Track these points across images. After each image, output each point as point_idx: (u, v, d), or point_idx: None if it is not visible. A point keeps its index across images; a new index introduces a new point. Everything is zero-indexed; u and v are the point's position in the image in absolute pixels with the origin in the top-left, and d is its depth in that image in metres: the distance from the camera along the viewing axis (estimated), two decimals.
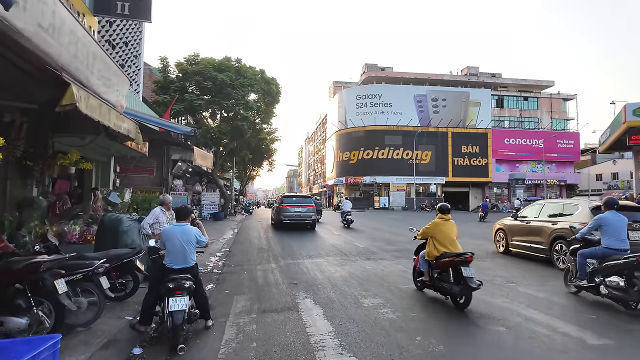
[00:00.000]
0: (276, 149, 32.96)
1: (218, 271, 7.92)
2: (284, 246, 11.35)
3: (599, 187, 55.18)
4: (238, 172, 41.37)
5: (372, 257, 9.39)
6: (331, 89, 61.16)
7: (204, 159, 9.72)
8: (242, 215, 28.22)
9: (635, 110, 16.25)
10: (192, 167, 21.92)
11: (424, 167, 45.68)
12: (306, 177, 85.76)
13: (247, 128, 20.96)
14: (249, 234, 14.85)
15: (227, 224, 18.37)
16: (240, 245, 11.64)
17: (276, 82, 20.41)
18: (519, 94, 52.22)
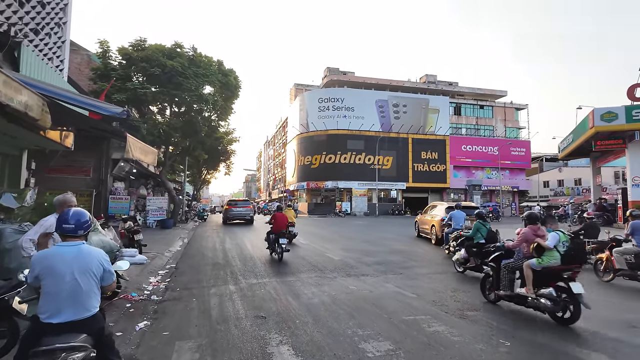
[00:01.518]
0: (234, 150, 30.70)
1: (158, 298, 5.97)
2: (245, 260, 9.48)
3: (547, 194, 58.11)
4: (191, 176, 38.40)
5: (352, 273, 7.82)
6: (292, 91, 59.56)
7: (144, 153, 7.72)
8: (195, 223, 25.64)
9: (603, 115, 16.20)
10: (137, 167, 19.31)
11: (386, 172, 45.30)
12: (265, 182, 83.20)
13: (201, 125, 18.75)
14: (202, 245, 12.75)
15: (176, 233, 16.04)
16: (191, 260, 9.61)
17: (235, 74, 18.40)
18: (475, 102, 53.70)
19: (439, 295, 6.02)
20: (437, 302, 5.60)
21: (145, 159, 8.41)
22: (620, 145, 17.09)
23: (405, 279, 7.33)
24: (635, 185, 16.52)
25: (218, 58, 18.20)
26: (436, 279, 7.39)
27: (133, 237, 9.20)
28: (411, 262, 9.38)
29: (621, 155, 19.18)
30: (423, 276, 7.62)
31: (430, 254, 10.72)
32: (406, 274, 7.78)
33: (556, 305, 4.57)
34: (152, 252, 9.89)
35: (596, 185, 23.04)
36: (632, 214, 7.16)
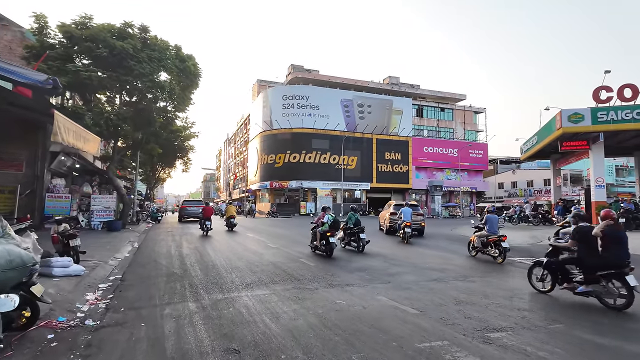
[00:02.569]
0: (193, 146, 28.67)
1: (94, 323, 4.58)
2: (207, 268, 8.13)
3: (501, 195, 60.56)
4: (144, 173, 35.68)
5: (335, 283, 6.77)
6: (255, 87, 57.67)
7: (81, 139, 6.21)
8: (147, 224, 23.47)
9: (571, 117, 16.37)
10: (80, 162, 17.11)
11: (350, 172, 44.87)
12: (225, 182, 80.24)
13: (156, 115, 16.92)
14: (155, 250, 11.15)
15: (125, 236, 14.19)
16: (141, 269, 8.10)
17: (194, 60, 16.70)
18: (436, 104, 54.80)
19: (443, 310, 5.11)
20: (447, 320, 4.68)
21: (84, 147, 6.89)
22: (584, 147, 17.46)
23: (396, 288, 6.39)
24: (598, 185, 16.91)
25: (175, 43, 16.45)
26: (429, 287, 6.52)
27: (68, 242, 7.57)
28: (395, 267, 8.50)
29: (583, 157, 19.73)
30: (413, 284, 6.73)
31: (408, 254, 9.93)
32: (395, 283, 6.86)
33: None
34: (93, 261, 8.28)
35: (556, 186, 23.71)
36: (487, 210, 10.05)
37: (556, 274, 5.96)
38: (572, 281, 5.74)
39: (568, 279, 5.82)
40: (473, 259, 9.89)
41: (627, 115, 15.74)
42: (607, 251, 5.41)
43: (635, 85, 15.90)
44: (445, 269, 8.23)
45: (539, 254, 8.85)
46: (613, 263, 5.28)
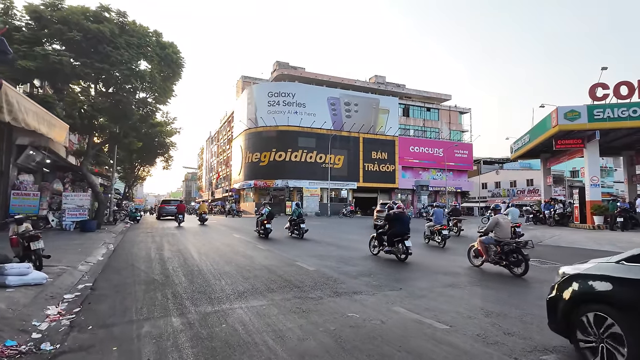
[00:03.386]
0: (175, 142, 27.36)
1: (52, 348, 3.66)
2: (192, 274, 7.20)
3: (485, 195, 61.11)
4: (123, 171, 34.05)
5: (341, 290, 5.97)
6: (239, 84, 56.28)
7: (44, 122, 5.20)
8: (125, 224, 22.13)
9: (567, 114, 16.06)
10: (52, 157, 15.80)
11: (337, 171, 44.18)
12: (207, 181, 78.37)
13: (135, 108, 15.75)
14: (133, 253, 10.10)
15: (99, 237, 13.03)
16: (116, 276, 7.10)
17: (176, 48, 15.61)
18: (422, 104, 54.71)
19: (475, 324, 4.39)
20: (485, 336, 3.95)
21: (48, 133, 5.89)
22: (579, 145, 17.21)
23: (411, 296, 5.65)
24: (593, 184, 16.70)
25: (155, 29, 15.32)
26: (447, 295, 5.80)
27: (29, 245, 6.52)
28: (401, 271, 7.77)
29: (575, 156, 19.56)
30: (428, 291, 6.00)
31: (410, 257, 9.23)
32: (407, 290, 6.11)
33: None
34: (60, 266, 7.23)
35: (547, 186, 23.59)
36: (433, 205, 12.12)
37: (380, 241, 9.63)
38: (385, 245, 9.33)
39: (382, 244, 9.55)
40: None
41: (624, 113, 15.54)
42: (394, 227, 9.09)
43: (631, 82, 15.72)
44: (457, 273, 7.55)
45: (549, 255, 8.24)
46: (399, 233, 8.96)
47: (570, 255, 10.05)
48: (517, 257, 7.34)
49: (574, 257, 9.35)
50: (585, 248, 11.69)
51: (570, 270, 3.50)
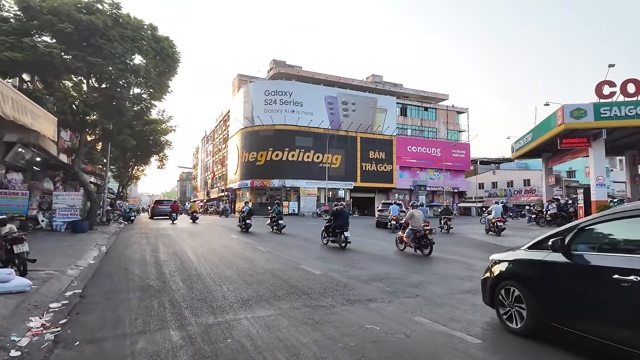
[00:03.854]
0: (170, 141, 26.75)
1: None
2: (190, 278, 6.69)
3: (482, 195, 61.02)
4: (117, 170, 33.34)
5: (353, 297, 5.50)
6: (235, 82, 55.63)
7: (25, 113, 4.68)
8: (119, 225, 21.51)
9: (573, 112, 15.72)
10: (42, 155, 15.19)
11: (334, 171, 43.73)
12: (203, 180, 77.57)
13: (129, 104, 15.17)
14: (127, 255, 9.56)
15: (91, 239, 12.46)
16: (108, 281, 6.57)
17: (172, 42, 15.05)
18: (420, 104, 54.44)
19: (511, 338, 3.94)
20: (527, 354, 3.49)
21: (33, 125, 5.36)
22: (584, 144, 16.90)
23: (430, 304, 5.20)
24: (599, 184, 16.37)
25: (150, 22, 14.76)
26: (469, 302, 5.36)
27: (12, 248, 5.99)
28: (414, 275, 7.32)
29: (579, 155, 19.26)
30: (447, 298, 5.56)
31: (419, 259, 8.80)
32: (424, 296, 5.67)
33: None
34: (47, 270, 6.71)
35: (548, 186, 23.30)
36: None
37: (328, 232, 11.93)
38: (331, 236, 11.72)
39: (329, 235, 11.81)
40: None
41: (631, 111, 15.22)
42: (336, 221, 11.40)
43: (638, 80, 15.40)
44: (473, 277, 7.11)
45: None
46: (340, 226, 11.23)
47: None
48: (425, 242, 9.87)
49: None
50: None
51: (495, 256, 4.65)
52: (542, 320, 3.74)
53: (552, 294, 3.68)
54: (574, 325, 3.42)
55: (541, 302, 3.75)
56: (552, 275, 3.72)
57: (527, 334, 3.85)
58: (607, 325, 3.15)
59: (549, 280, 3.76)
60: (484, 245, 12.98)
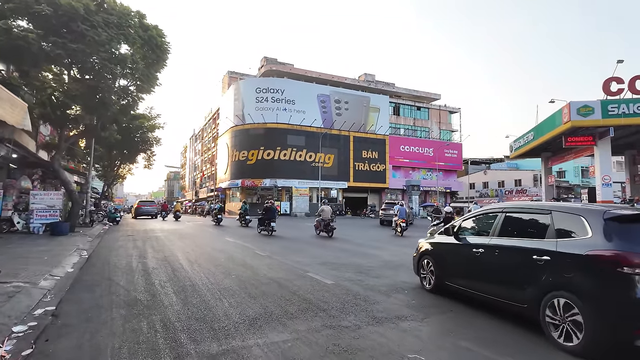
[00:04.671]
0: (159, 138, 25.59)
1: None
2: (184, 290, 5.80)
3: (473, 195, 61.01)
4: (102, 169, 31.94)
5: (379, 315, 4.70)
6: (225, 79, 54.38)
7: None
8: (103, 226, 20.34)
9: (580, 109, 15.24)
10: (19, 152, 14.06)
11: (327, 170, 42.97)
12: (191, 180, 75.95)
13: (114, 97, 14.13)
14: (111, 262, 8.58)
15: (72, 242, 11.41)
16: (88, 295, 5.64)
17: (161, 31, 14.03)
18: (412, 103, 54.09)
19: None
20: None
21: None
22: (589, 143, 16.45)
23: (470, 326, 4.43)
24: (605, 184, 15.94)
25: (138, 9, 13.73)
26: (513, 323, 4.60)
27: None
28: None
29: (582, 154, 18.87)
30: (486, 318, 4.80)
31: None
32: (458, 311, 4.90)
33: None
34: (15, 282, 5.76)
35: (548, 185, 22.92)
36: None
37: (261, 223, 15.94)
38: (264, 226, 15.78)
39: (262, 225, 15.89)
40: None
41: (639, 108, 14.81)
42: (267, 215, 15.52)
43: None
44: None
45: None
46: (268, 218, 15.51)
47: None
48: (329, 227, 15.02)
49: None
50: None
51: (421, 240, 6.46)
52: (441, 281, 5.60)
53: (447, 263, 5.52)
54: (457, 282, 5.28)
55: (441, 269, 5.63)
56: (448, 251, 5.59)
57: (433, 291, 5.78)
58: (473, 281, 5.00)
59: (445, 255, 5.64)
60: None
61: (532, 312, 4.04)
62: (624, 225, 3.68)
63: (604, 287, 3.43)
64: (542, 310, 3.89)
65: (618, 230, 3.64)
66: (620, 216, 3.74)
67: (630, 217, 3.76)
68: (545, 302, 3.87)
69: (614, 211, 3.84)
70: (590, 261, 3.54)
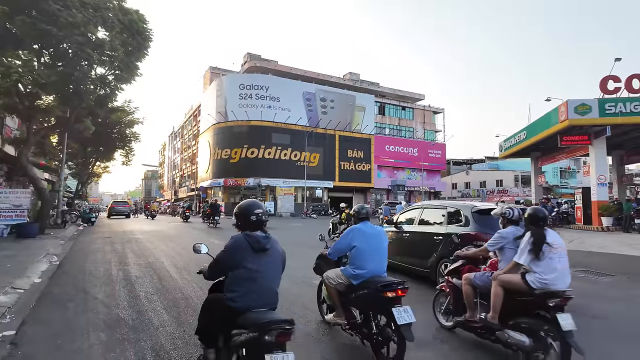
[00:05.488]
0: (138, 134, 24.20)
1: None
2: (177, 305, 4.91)
3: (455, 195, 61.57)
4: (75, 167, 30.15)
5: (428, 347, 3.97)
6: (207, 75, 52.73)
7: None
8: (77, 227, 18.91)
9: (578, 108, 15.03)
10: None
11: (312, 170, 42.13)
12: (170, 179, 73.63)
13: (91, 87, 12.94)
14: (87, 269, 7.54)
15: (41, 246, 10.23)
16: (59, 313, 4.68)
17: (142, 16, 12.92)
18: (398, 103, 53.96)
19: None
20: None
21: None
22: (584, 142, 16.31)
23: None
24: (600, 184, 15.82)
25: None
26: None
27: None
28: None
29: (576, 154, 18.78)
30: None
31: None
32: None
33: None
34: None
35: (537, 185, 22.87)
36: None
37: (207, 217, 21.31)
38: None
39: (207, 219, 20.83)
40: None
41: (636, 107, 14.73)
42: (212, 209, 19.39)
43: None
44: None
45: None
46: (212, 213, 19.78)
47: (624, 264, 8.64)
48: None
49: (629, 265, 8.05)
50: (630, 255, 10.40)
51: None
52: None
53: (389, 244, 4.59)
54: (394, 258, 6.56)
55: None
56: (393, 237, 6.89)
57: None
58: (401, 256, 6.78)
59: (391, 239, 6.45)
60: None
61: (432, 275, 5.94)
62: (482, 216, 5.64)
63: None
64: (438, 273, 5.73)
65: (478, 219, 5.63)
66: (480, 210, 5.77)
67: (485, 211, 5.68)
68: (439, 267, 5.76)
69: (478, 207, 5.89)
70: (462, 238, 5.03)
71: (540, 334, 3.03)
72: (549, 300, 3.01)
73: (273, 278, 2.63)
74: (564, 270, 3.23)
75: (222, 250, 2.57)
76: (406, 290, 3.25)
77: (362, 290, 3.44)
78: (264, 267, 2.55)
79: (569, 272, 3.28)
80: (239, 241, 2.55)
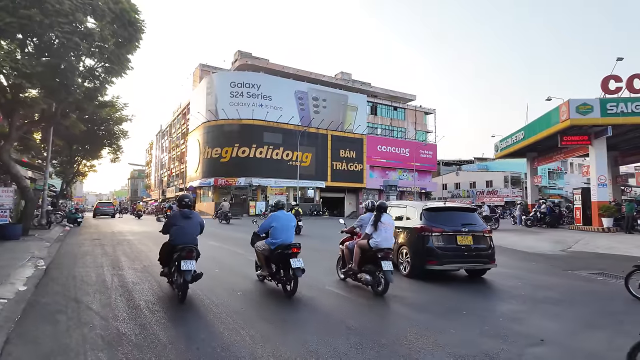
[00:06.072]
0: (127, 130, 23.35)
1: None
2: (184, 318, 4.39)
3: (446, 195, 61.82)
4: (60, 165, 29.02)
5: None
6: (197, 73, 51.73)
7: None
8: (63, 228, 18.04)
9: (579, 107, 14.89)
10: None
11: (304, 170, 41.62)
12: (158, 179, 72.12)
13: (79, 78, 12.21)
14: (77, 275, 6.91)
15: (24, 248, 9.50)
16: (48, 327, 4.09)
17: (134, 6, 12.23)
18: (390, 103, 53.85)
19: None
20: None
21: None
22: (584, 142, 16.22)
23: None
24: (600, 184, 15.74)
25: None
26: None
27: None
28: (510, 333, 5.54)
29: (574, 154, 18.73)
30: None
31: (475, 289, 7.09)
32: None
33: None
34: None
35: (533, 186, 22.83)
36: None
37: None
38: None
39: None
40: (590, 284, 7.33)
41: (638, 108, 14.68)
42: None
43: None
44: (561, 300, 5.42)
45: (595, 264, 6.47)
46: None
47: None
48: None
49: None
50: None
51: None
52: None
53: None
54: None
55: None
56: None
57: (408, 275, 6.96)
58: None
59: None
60: None
61: (396, 259, 6.91)
62: (430, 212, 6.97)
63: (418, 242, 6.70)
64: (398, 257, 7.05)
65: (427, 215, 6.90)
66: (429, 208, 7.13)
67: (434, 209, 7.17)
68: (399, 252, 7.10)
69: (427, 205, 7.27)
70: (415, 230, 6.78)
71: (376, 274, 5.49)
72: (378, 253, 5.48)
73: (193, 231, 5.35)
74: (388, 237, 5.77)
75: (168, 217, 5.72)
76: (299, 248, 5.36)
77: (277, 251, 5.43)
78: (188, 225, 5.32)
79: (392, 238, 5.89)
80: (176, 213, 5.52)
